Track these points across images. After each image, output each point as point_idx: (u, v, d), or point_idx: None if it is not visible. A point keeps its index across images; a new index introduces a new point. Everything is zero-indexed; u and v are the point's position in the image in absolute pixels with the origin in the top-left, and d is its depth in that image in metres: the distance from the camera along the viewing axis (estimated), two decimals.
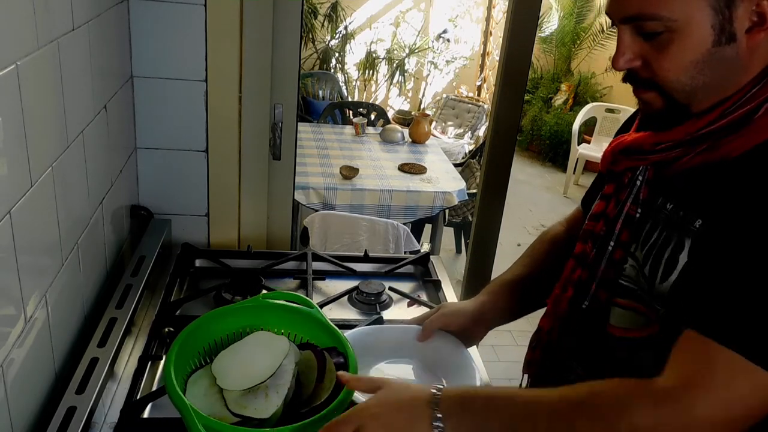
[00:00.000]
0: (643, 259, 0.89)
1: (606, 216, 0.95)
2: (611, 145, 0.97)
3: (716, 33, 0.78)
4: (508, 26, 2.09)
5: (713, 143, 0.83)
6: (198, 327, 1.05)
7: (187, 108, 1.55)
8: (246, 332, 1.08)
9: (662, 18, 0.78)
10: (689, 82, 0.81)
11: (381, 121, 4.87)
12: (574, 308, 0.98)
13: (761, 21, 0.77)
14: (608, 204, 0.95)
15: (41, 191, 0.96)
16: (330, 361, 1.02)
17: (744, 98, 0.80)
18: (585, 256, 0.97)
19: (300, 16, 1.62)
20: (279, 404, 0.95)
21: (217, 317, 1.08)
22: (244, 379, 0.97)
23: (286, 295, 1.15)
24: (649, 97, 0.85)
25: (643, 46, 0.82)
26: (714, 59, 0.79)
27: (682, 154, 0.86)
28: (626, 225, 0.92)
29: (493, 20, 6.35)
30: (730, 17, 0.77)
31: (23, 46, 0.89)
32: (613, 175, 0.96)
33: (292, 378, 0.99)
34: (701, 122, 0.83)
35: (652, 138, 0.89)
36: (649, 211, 0.91)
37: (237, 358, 1.02)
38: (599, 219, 0.96)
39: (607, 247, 0.94)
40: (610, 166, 0.96)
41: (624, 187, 0.93)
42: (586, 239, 0.98)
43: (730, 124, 0.81)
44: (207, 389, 0.98)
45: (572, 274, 0.99)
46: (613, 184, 0.95)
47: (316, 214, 2.98)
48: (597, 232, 0.96)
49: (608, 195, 0.96)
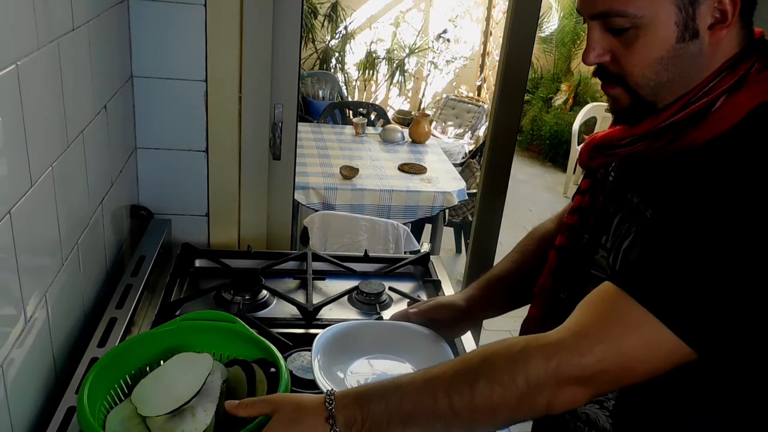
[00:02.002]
0: (609, 250, 0.93)
1: (581, 209, 0.99)
2: (586, 141, 1.00)
3: (680, 30, 0.80)
4: (508, 26, 2.09)
5: (675, 136, 0.85)
6: (112, 359, 0.99)
7: (187, 108, 1.55)
8: (168, 358, 1.03)
9: (629, 15, 0.80)
10: (654, 77, 0.83)
11: (381, 121, 4.87)
12: (555, 297, 1.02)
13: (723, 18, 0.80)
14: (584, 198, 1.00)
15: (41, 191, 0.96)
16: (260, 372, 0.99)
17: (702, 92, 0.83)
18: (563, 247, 1.02)
19: (300, 16, 1.62)
20: (208, 422, 0.92)
21: (133, 346, 1.03)
22: (167, 402, 0.93)
23: (205, 314, 1.12)
24: (617, 92, 0.87)
25: (612, 42, 0.84)
26: (678, 55, 0.82)
27: (646, 148, 0.88)
28: (598, 218, 0.96)
29: (493, 20, 6.36)
30: (693, 14, 0.80)
31: (23, 46, 0.89)
32: (589, 170, 1.00)
33: (221, 394, 0.96)
34: (663, 115, 0.85)
35: (620, 133, 0.92)
36: (619, 205, 0.94)
37: (158, 382, 0.97)
38: (575, 212, 1.01)
39: (582, 239, 0.98)
40: (586, 162, 0.99)
41: (598, 182, 0.97)
42: (564, 231, 1.02)
43: (689, 117, 0.84)
44: (126, 421, 0.93)
45: (552, 264, 1.04)
46: (589, 180, 1.00)
47: (316, 214, 2.98)
48: (574, 224, 1.00)
49: (584, 190, 1.00)
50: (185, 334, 1.07)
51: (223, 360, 1.06)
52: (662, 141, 0.86)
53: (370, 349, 1.19)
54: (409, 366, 1.17)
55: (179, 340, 1.05)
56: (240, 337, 1.06)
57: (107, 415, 0.95)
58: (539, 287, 1.07)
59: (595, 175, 0.98)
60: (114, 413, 0.95)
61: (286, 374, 0.97)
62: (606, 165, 0.97)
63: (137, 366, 1.02)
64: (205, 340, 1.06)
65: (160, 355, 1.04)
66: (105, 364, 0.98)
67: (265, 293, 1.44)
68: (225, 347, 1.07)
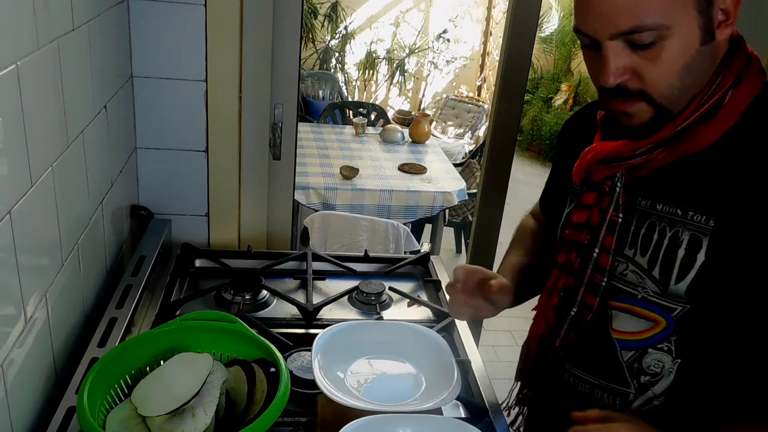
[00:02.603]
0: (649, 263, 0.90)
1: (590, 225, 0.96)
2: (584, 159, 0.96)
3: (702, 33, 0.81)
4: (508, 26, 2.09)
5: (687, 137, 0.86)
6: (112, 359, 0.99)
7: (187, 108, 1.55)
8: (168, 358, 1.03)
9: (658, 27, 0.79)
10: (678, 85, 0.83)
11: (381, 121, 4.88)
12: (562, 315, 1.00)
13: (726, 17, 0.82)
14: (591, 213, 0.96)
15: (41, 191, 0.96)
16: (260, 372, 0.99)
17: (711, 89, 0.85)
18: (570, 264, 0.98)
19: (300, 16, 1.62)
20: (208, 422, 0.92)
21: (133, 346, 1.03)
22: (167, 402, 0.93)
23: (205, 314, 1.12)
24: (638, 108, 0.86)
25: (633, 59, 0.82)
26: (699, 59, 0.83)
27: (665, 154, 0.88)
28: (609, 231, 0.94)
29: (493, 20, 6.36)
30: (710, 16, 0.81)
31: (23, 46, 0.89)
32: (591, 184, 0.96)
33: (221, 394, 0.96)
34: (680, 119, 0.86)
35: (630, 145, 0.90)
36: (641, 215, 0.92)
37: (158, 383, 0.97)
38: (583, 229, 0.96)
39: (592, 254, 0.95)
40: (587, 177, 0.96)
41: (605, 195, 0.94)
42: (569, 248, 0.98)
43: (702, 116, 0.85)
44: (126, 421, 0.93)
45: (557, 283, 1.01)
46: (594, 194, 0.96)
47: (316, 214, 2.98)
48: (582, 241, 0.96)
49: (589, 205, 0.96)
50: (185, 334, 1.07)
51: (223, 360, 1.06)
52: (678, 143, 0.87)
53: (370, 349, 1.19)
54: (409, 366, 1.17)
55: (179, 340, 1.05)
56: (240, 337, 1.06)
57: (107, 415, 0.95)
58: (541, 306, 1.05)
59: (601, 188, 0.95)
60: (114, 413, 0.95)
61: (286, 374, 0.97)
62: (611, 177, 0.94)
63: (137, 366, 1.02)
64: (205, 340, 1.06)
65: (160, 355, 1.04)
66: (105, 364, 0.97)
67: (265, 293, 1.44)
68: (225, 347, 1.07)
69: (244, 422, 0.89)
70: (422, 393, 1.10)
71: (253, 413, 0.95)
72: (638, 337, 0.94)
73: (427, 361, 1.17)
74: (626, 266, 0.93)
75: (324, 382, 1.04)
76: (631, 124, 0.88)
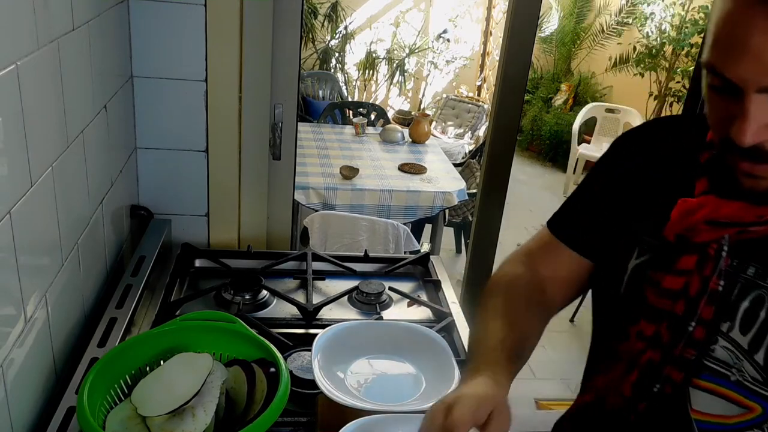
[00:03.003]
0: (751, 345, 0.80)
1: (687, 295, 0.83)
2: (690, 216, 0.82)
3: None
4: (508, 26, 2.09)
5: None
6: (112, 359, 0.99)
7: (187, 108, 1.55)
8: (168, 358, 1.03)
9: None
10: None
11: (381, 121, 4.88)
12: (642, 391, 0.88)
13: None
14: (689, 281, 0.83)
15: (41, 191, 0.96)
16: (260, 372, 0.99)
17: None
18: (659, 337, 0.86)
19: (300, 16, 1.62)
20: (208, 422, 0.92)
21: (133, 346, 1.03)
22: (167, 402, 0.93)
23: (205, 314, 1.11)
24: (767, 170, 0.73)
25: None
26: None
27: None
28: (710, 302, 0.82)
29: (493, 20, 6.36)
30: None
31: (23, 46, 0.89)
32: (690, 246, 0.83)
33: (221, 394, 0.96)
34: None
35: (755, 210, 0.78)
36: (745, 286, 0.81)
37: (158, 382, 0.97)
38: (678, 298, 0.84)
39: (687, 327, 0.83)
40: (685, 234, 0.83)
41: (709, 260, 0.82)
42: (660, 319, 0.85)
43: None
44: (126, 421, 0.93)
45: (640, 357, 0.87)
46: (694, 257, 0.83)
47: (316, 214, 2.98)
48: (675, 312, 0.84)
49: (689, 270, 0.83)
50: (185, 334, 1.07)
51: (223, 360, 1.06)
52: None
53: (370, 349, 1.19)
54: (410, 366, 1.17)
55: (179, 340, 1.05)
56: (240, 337, 1.06)
57: (107, 415, 0.95)
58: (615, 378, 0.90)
59: (705, 251, 0.82)
60: (114, 413, 0.95)
61: (286, 374, 0.97)
62: (717, 240, 0.81)
63: (137, 366, 1.02)
64: (205, 340, 1.06)
65: (160, 355, 1.04)
66: (105, 364, 0.97)
67: (265, 293, 1.44)
68: (225, 347, 1.07)
69: (244, 422, 0.89)
70: (422, 393, 1.10)
71: (253, 413, 0.95)
72: (726, 422, 0.83)
73: (427, 361, 1.17)
74: (716, 340, 0.82)
75: (324, 382, 1.04)
76: (756, 188, 0.76)
